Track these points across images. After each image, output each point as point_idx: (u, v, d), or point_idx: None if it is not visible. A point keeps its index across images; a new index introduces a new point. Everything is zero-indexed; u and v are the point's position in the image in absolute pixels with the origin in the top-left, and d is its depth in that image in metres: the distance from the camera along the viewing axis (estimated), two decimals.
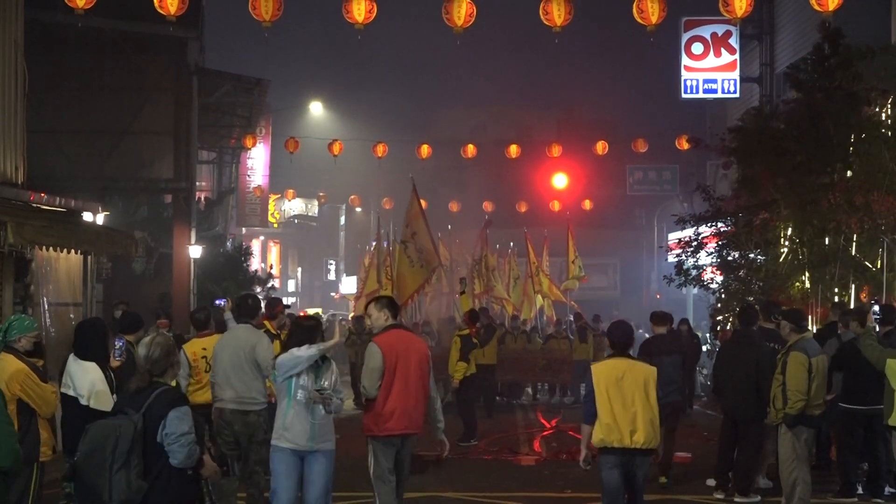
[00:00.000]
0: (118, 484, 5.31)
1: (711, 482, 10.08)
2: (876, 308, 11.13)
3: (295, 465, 6.70)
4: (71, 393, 7.47)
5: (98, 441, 5.40)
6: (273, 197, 38.61)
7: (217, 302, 17.33)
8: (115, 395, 7.16)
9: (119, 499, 5.30)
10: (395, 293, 16.79)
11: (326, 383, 6.76)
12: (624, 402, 6.69)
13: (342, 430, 8.29)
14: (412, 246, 17.61)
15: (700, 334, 20.75)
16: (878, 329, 9.95)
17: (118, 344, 8.19)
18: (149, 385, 5.60)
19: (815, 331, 12.89)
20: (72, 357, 7.67)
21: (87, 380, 7.39)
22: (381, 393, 7.02)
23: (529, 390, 20.35)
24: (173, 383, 5.89)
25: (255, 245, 40.69)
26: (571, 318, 21.89)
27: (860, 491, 9.69)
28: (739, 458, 9.74)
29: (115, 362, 7.84)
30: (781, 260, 14.90)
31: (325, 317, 28.24)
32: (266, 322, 10.06)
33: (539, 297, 23.08)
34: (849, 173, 14.19)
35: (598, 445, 6.77)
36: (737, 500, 9.48)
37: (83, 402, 7.34)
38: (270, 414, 7.58)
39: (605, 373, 6.82)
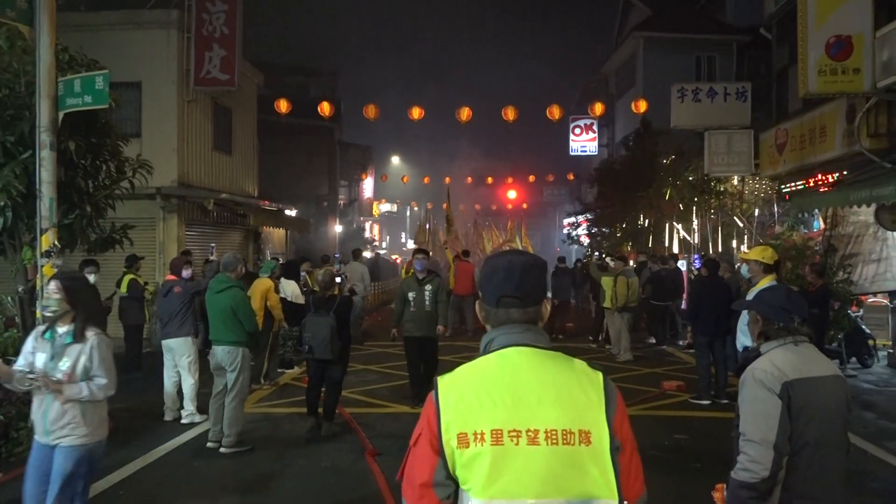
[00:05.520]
0: (335, 345, 7.87)
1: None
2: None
3: (43, 457, 4.62)
4: (283, 295, 10.48)
5: (317, 327, 7.83)
6: (375, 203, 53.95)
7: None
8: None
9: (335, 352, 7.88)
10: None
11: (66, 364, 4.38)
12: None
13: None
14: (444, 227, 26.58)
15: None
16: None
17: (302, 275, 11.55)
18: (326, 296, 7.94)
19: (632, 266, 17.12)
20: (283, 278, 10.85)
21: (290, 288, 10.68)
22: None
23: None
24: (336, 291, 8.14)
25: (367, 225, 54.95)
26: None
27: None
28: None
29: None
30: (618, 232, 24.57)
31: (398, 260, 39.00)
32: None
33: None
34: (651, 190, 22.59)
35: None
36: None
37: (289, 299, 10.64)
38: None
39: None
